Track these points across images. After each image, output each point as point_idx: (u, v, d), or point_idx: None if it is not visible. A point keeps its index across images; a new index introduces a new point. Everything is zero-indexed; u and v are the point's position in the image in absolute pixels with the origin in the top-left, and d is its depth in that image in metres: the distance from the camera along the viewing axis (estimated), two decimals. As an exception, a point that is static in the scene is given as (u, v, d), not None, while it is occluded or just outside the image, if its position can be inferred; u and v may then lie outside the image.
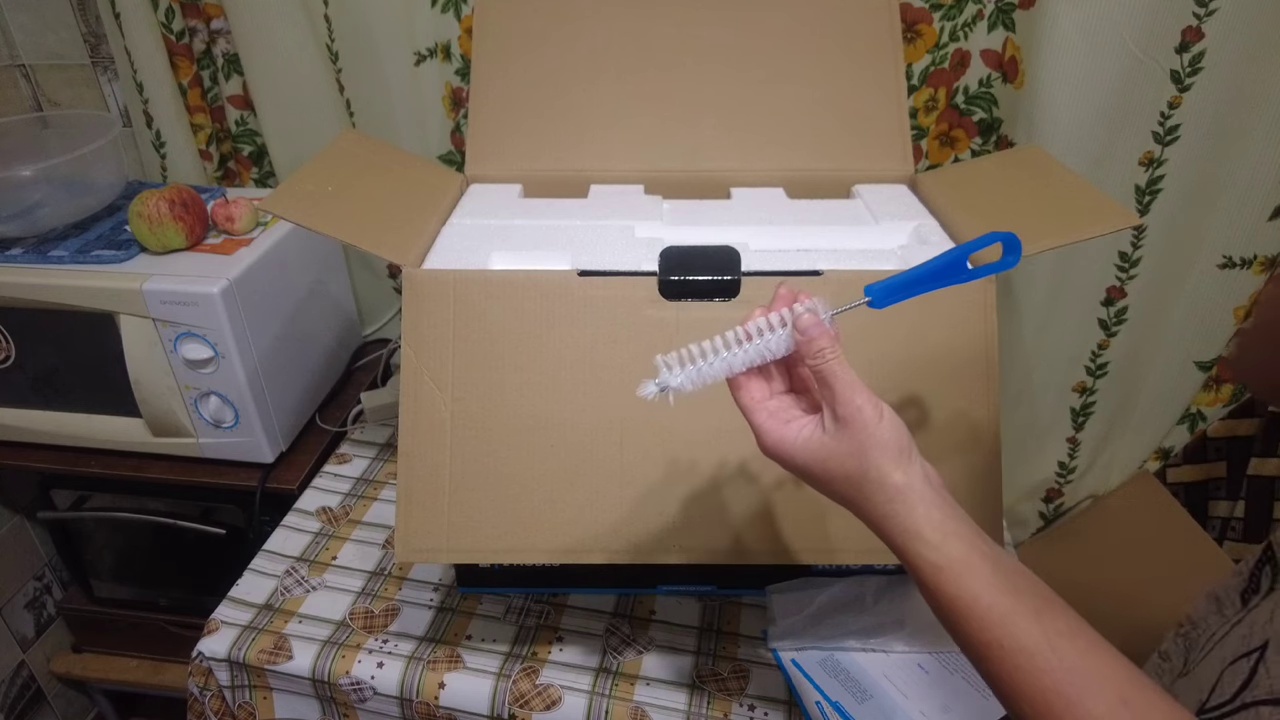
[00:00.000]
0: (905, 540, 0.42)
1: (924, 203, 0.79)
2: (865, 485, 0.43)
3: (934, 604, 0.42)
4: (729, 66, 0.85)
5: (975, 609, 0.40)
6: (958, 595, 0.40)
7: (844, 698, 0.72)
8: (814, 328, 0.45)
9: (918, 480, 0.43)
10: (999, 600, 0.40)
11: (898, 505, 0.42)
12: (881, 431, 0.43)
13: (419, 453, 0.66)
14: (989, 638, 0.39)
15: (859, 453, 0.43)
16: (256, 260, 0.94)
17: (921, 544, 0.42)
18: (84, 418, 1.00)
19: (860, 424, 0.43)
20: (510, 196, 0.82)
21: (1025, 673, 0.38)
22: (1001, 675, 0.39)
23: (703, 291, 0.67)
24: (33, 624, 1.29)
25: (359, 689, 0.75)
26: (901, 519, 0.42)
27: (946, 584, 0.41)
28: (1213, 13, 0.79)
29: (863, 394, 0.43)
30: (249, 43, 1.06)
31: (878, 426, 0.43)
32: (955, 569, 0.41)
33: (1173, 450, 1.05)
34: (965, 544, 0.41)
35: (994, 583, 0.40)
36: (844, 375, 0.44)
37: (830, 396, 0.44)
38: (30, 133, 1.09)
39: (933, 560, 0.41)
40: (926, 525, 0.42)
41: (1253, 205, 0.88)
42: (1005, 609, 0.39)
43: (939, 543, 0.41)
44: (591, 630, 0.80)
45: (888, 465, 0.43)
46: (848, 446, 0.43)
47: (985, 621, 0.40)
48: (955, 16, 0.92)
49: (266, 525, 0.95)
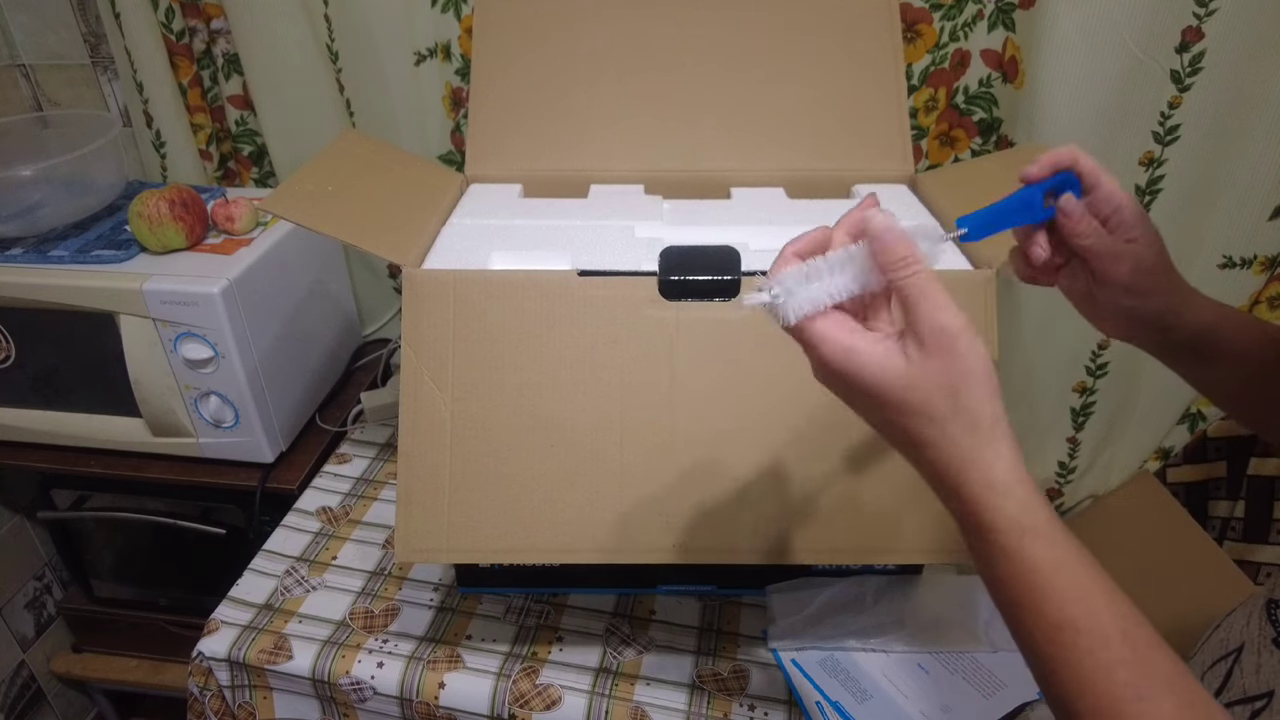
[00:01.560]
0: (986, 491, 0.36)
1: (924, 203, 0.79)
2: (952, 424, 0.36)
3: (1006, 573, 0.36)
4: (729, 66, 0.85)
5: (1056, 581, 0.35)
6: (1040, 563, 0.35)
7: (844, 698, 0.72)
8: (889, 233, 0.38)
9: (1006, 423, 0.37)
10: (1081, 575, 0.35)
11: (987, 450, 0.36)
12: (976, 361, 0.36)
13: (419, 453, 0.66)
14: (1064, 616, 0.34)
15: (950, 387, 0.36)
16: (256, 260, 0.94)
17: (1010, 499, 0.36)
18: (84, 418, 1.00)
19: (954, 352, 0.36)
20: (510, 196, 0.82)
21: (1097, 662, 0.33)
22: (1068, 662, 0.34)
23: (703, 291, 0.67)
24: (33, 624, 1.29)
25: (359, 689, 0.75)
26: (988, 467, 0.36)
27: (1032, 548, 0.35)
28: (1213, 13, 0.79)
29: (953, 315, 0.36)
30: (249, 43, 1.06)
31: (971, 355, 0.36)
32: (1042, 532, 0.35)
33: (1173, 450, 1.05)
34: (1047, 508, 0.36)
35: (1074, 554, 0.35)
36: (932, 294, 0.37)
37: (915, 318, 0.37)
38: (30, 133, 1.09)
39: (1019, 519, 0.35)
40: (1016, 479, 0.36)
41: (1253, 205, 0.88)
42: (1087, 585, 0.35)
43: (1027, 500, 0.36)
44: (591, 630, 0.80)
45: (981, 402, 0.36)
46: (938, 378, 0.36)
47: (1065, 596, 0.34)
48: (955, 16, 0.92)
49: (266, 525, 0.95)
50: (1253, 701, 0.43)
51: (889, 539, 0.67)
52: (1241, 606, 0.48)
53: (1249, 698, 0.43)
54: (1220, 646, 0.47)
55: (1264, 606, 0.45)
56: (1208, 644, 0.49)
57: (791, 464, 0.67)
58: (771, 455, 0.67)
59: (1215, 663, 0.47)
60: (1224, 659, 0.46)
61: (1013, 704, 0.71)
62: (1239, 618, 0.47)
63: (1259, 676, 0.43)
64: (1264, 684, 0.42)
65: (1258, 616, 0.45)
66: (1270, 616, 0.44)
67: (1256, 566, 0.95)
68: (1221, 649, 0.47)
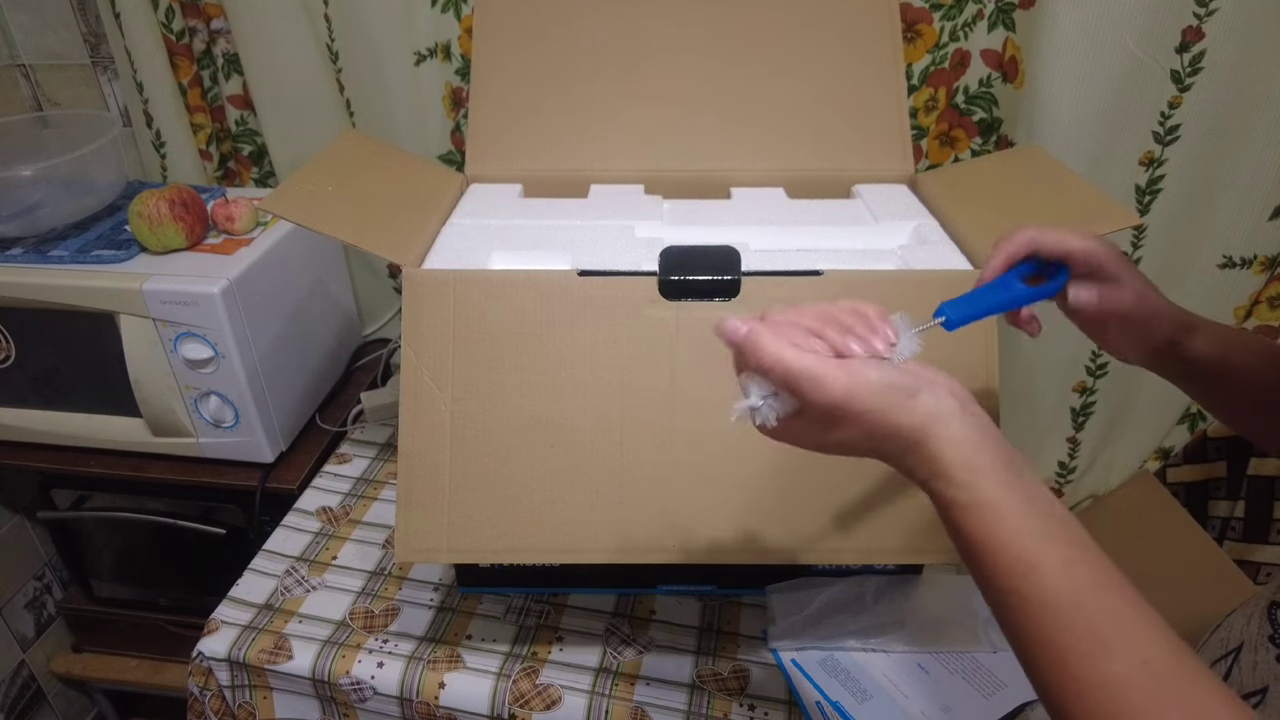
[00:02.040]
0: (929, 478, 0.40)
1: (924, 202, 0.79)
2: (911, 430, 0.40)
3: (957, 544, 0.40)
4: (729, 66, 0.85)
5: (1003, 554, 0.37)
6: (982, 537, 0.38)
7: (844, 698, 0.72)
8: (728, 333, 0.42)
9: (944, 412, 0.40)
10: (1029, 546, 0.37)
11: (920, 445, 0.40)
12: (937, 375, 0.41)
13: (419, 453, 0.66)
14: (1008, 584, 0.37)
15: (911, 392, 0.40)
16: (256, 260, 0.94)
17: (946, 481, 0.39)
18: (84, 417, 1.00)
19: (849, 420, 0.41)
20: (510, 196, 0.82)
21: (1043, 626, 0.36)
22: (1017, 624, 0.37)
23: (703, 291, 0.67)
24: (33, 624, 1.29)
25: (359, 689, 0.76)
26: (925, 452, 0.40)
27: (970, 524, 0.38)
28: (1213, 13, 0.79)
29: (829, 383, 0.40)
30: (249, 43, 1.06)
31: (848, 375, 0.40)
32: (981, 509, 0.38)
33: (1173, 450, 1.05)
34: (997, 483, 0.38)
35: (1023, 528, 0.37)
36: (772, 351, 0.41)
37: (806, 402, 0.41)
38: (30, 133, 1.09)
39: (959, 499, 0.39)
40: (955, 462, 0.39)
41: (1253, 205, 0.88)
42: (1032, 557, 0.37)
43: (966, 480, 0.39)
44: (591, 630, 0.80)
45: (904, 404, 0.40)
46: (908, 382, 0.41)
47: (1008, 568, 0.37)
48: (955, 16, 0.92)
49: (266, 525, 0.95)
50: (1249, 698, 0.43)
51: (889, 539, 0.67)
52: (1243, 607, 0.48)
53: (1245, 694, 0.43)
54: (1220, 646, 0.47)
55: (1266, 608, 0.45)
56: (1208, 644, 0.49)
57: (791, 464, 0.67)
58: (771, 455, 0.67)
59: (1215, 662, 0.47)
60: (1224, 658, 0.46)
61: (1013, 704, 0.71)
62: (1239, 618, 0.47)
63: (1255, 673, 0.43)
64: (1259, 680, 0.43)
65: (1258, 617, 0.45)
66: (1270, 617, 0.44)
67: (1256, 566, 0.95)
68: (1221, 648, 0.47)
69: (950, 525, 0.40)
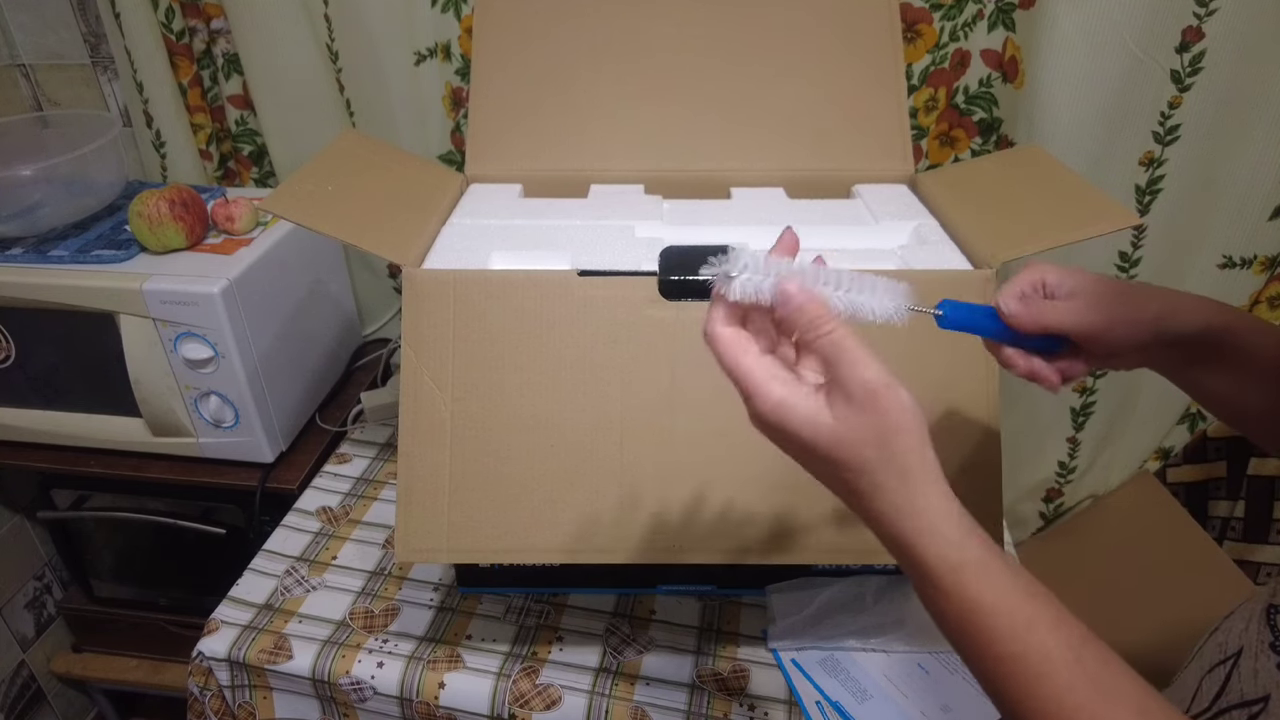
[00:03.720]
0: (919, 536, 0.37)
1: (924, 202, 0.79)
2: (883, 475, 0.38)
3: (946, 609, 0.37)
4: (729, 66, 0.85)
5: (996, 616, 0.36)
6: (978, 599, 0.36)
7: (844, 698, 0.72)
8: (800, 295, 0.39)
9: (935, 468, 0.38)
10: (1022, 606, 0.36)
11: (916, 497, 0.37)
12: (900, 413, 0.37)
13: (419, 453, 0.66)
14: (1008, 650, 0.35)
15: (879, 440, 0.37)
16: (256, 260, 0.94)
17: (941, 540, 0.37)
18: (84, 417, 1.00)
19: (878, 408, 0.37)
20: (510, 196, 0.82)
21: (1047, 687, 0.34)
22: (1019, 689, 0.35)
23: (703, 291, 0.66)
24: (33, 624, 1.29)
25: (359, 689, 0.76)
26: (919, 511, 0.37)
27: (967, 586, 0.36)
28: (1213, 13, 0.79)
29: (873, 369, 0.37)
30: (249, 42, 1.06)
31: (895, 408, 0.37)
32: (976, 570, 0.36)
33: (1173, 450, 1.05)
34: (983, 544, 0.37)
35: (1015, 587, 0.36)
36: (851, 350, 0.38)
37: (836, 376, 0.38)
38: (30, 133, 1.09)
39: (953, 559, 0.36)
40: (947, 520, 0.37)
41: (1253, 205, 0.88)
42: (1028, 617, 0.35)
43: (960, 540, 0.37)
44: (591, 630, 0.80)
45: (906, 451, 0.37)
46: (865, 433, 0.37)
47: (1006, 631, 0.35)
48: (955, 16, 0.93)
49: (266, 525, 0.95)
50: (1249, 706, 0.43)
51: (889, 539, 0.67)
52: (1240, 610, 0.48)
53: (1246, 702, 0.43)
54: (1219, 650, 0.47)
55: (1264, 611, 0.45)
56: (1206, 647, 0.49)
57: (791, 464, 0.66)
58: (771, 454, 0.66)
59: (1214, 667, 0.47)
60: (1223, 663, 0.46)
61: (1013, 704, 0.71)
62: (1238, 621, 0.47)
63: (1256, 681, 0.43)
64: (1261, 688, 0.42)
65: (1257, 621, 0.45)
66: (1270, 622, 0.44)
67: (1256, 566, 0.95)
68: (1220, 653, 0.47)
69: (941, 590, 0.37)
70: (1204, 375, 0.54)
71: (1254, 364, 0.51)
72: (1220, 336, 0.51)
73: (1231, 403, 0.55)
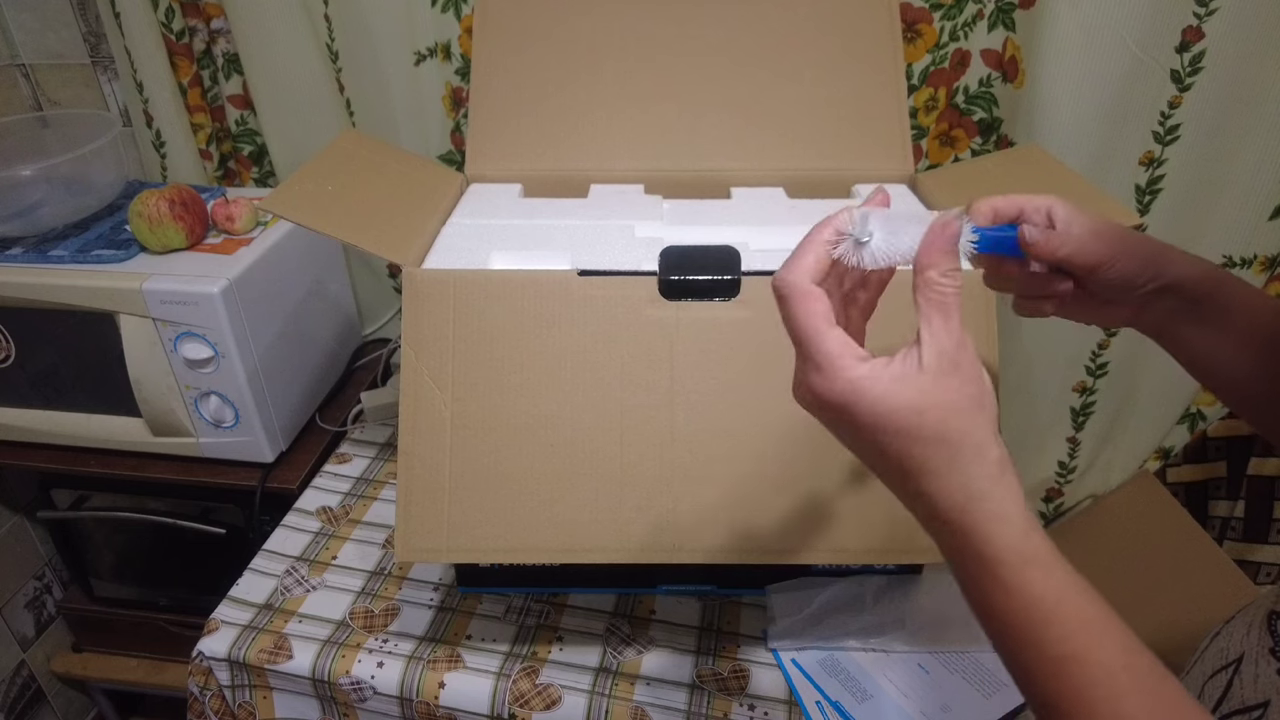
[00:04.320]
0: (989, 523, 0.34)
1: (924, 202, 0.79)
2: (963, 453, 0.34)
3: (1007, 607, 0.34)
4: (729, 66, 0.85)
5: (1058, 612, 0.33)
6: (1043, 595, 0.34)
7: (844, 698, 0.72)
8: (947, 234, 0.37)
9: (1008, 456, 0.35)
10: (1083, 606, 0.33)
11: (998, 483, 0.35)
12: (989, 395, 0.35)
13: (419, 453, 0.66)
14: (1067, 650, 0.33)
15: (965, 410, 0.34)
16: (256, 260, 0.94)
17: (1013, 531, 0.34)
18: (84, 417, 1.00)
19: (971, 375, 0.34)
20: (510, 196, 0.82)
21: (1102, 694, 0.32)
22: (1072, 696, 0.33)
23: (703, 291, 0.67)
24: (33, 624, 1.29)
25: (359, 688, 0.76)
26: (999, 500, 0.34)
27: (1033, 582, 0.34)
28: (1213, 13, 0.79)
29: (969, 337, 0.35)
30: (249, 42, 1.06)
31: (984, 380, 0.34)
32: (1044, 561, 0.34)
33: (1173, 450, 1.05)
34: (1045, 539, 0.35)
35: (1077, 584, 0.34)
36: (957, 311, 0.35)
37: (935, 333, 0.35)
38: (30, 132, 1.09)
39: (1022, 551, 0.34)
40: (1018, 510, 0.34)
41: (1253, 205, 0.88)
42: (1090, 616, 0.33)
43: (1028, 529, 0.34)
44: (591, 630, 0.80)
45: (991, 431, 0.35)
46: (954, 400, 0.34)
47: (1067, 629, 0.33)
48: (955, 16, 0.93)
49: (266, 525, 0.95)
50: (1250, 711, 0.43)
51: (889, 539, 0.67)
52: (1241, 614, 0.47)
53: (1247, 708, 0.43)
54: (1220, 656, 0.47)
55: (1265, 618, 0.45)
56: (1207, 652, 0.49)
57: (792, 463, 0.67)
58: (771, 455, 0.67)
59: (1215, 673, 0.46)
60: (1224, 669, 0.46)
61: (1013, 704, 0.71)
62: (1239, 626, 0.47)
63: (1256, 686, 0.43)
64: (1261, 694, 0.42)
65: (1258, 627, 0.45)
66: (1270, 628, 0.44)
67: (1256, 566, 0.95)
68: (1221, 659, 0.46)
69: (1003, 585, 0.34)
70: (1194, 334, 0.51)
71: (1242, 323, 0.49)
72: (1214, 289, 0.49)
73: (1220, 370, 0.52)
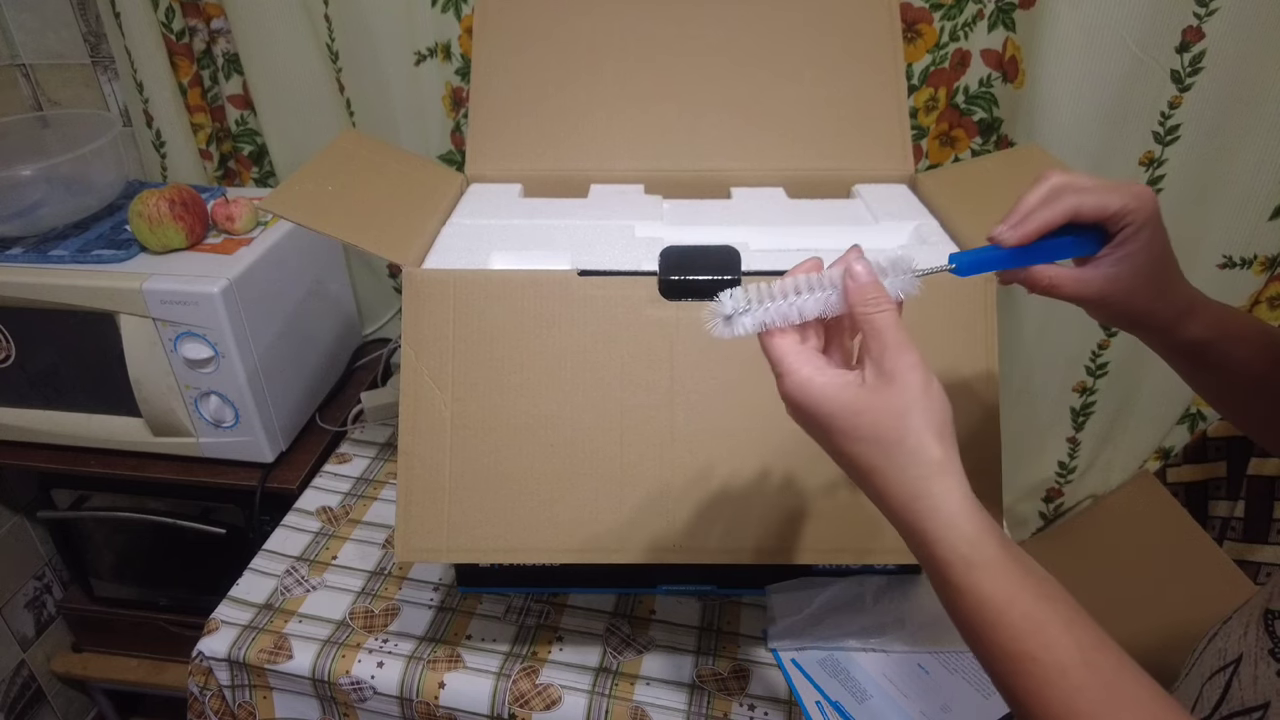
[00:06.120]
0: (935, 527, 0.37)
1: (924, 202, 0.79)
2: (899, 453, 0.37)
3: (959, 606, 0.37)
4: (729, 66, 0.85)
5: (1008, 615, 0.35)
6: (991, 597, 0.36)
7: (844, 698, 0.72)
8: (866, 274, 0.40)
9: (957, 461, 0.38)
10: (1035, 607, 0.35)
11: (934, 484, 0.37)
12: (929, 398, 0.38)
13: (419, 453, 0.66)
14: (1020, 649, 0.35)
15: (900, 414, 0.37)
16: (256, 260, 0.94)
17: (956, 534, 0.36)
18: (84, 417, 1.00)
19: (906, 384, 0.38)
20: (510, 196, 0.82)
21: (1057, 690, 0.34)
22: (1029, 691, 0.35)
23: (703, 291, 0.66)
24: (33, 624, 1.29)
25: (359, 688, 0.76)
26: (936, 500, 0.37)
27: (981, 583, 0.36)
28: (1213, 13, 0.79)
29: (913, 355, 0.38)
30: (249, 42, 1.06)
31: (925, 392, 0.38)
32: (991, 567, 0.36)
33: (1173, 450, 1.05)
34: (998, 541, 0.37)
35: (1027, 586, 0.36)
36: (895, 331, 0.39)
37: (878, 350, 0.39)
38: (30, 132, 1.09)
39: (967, 555, 0.36)
40: (963, 514, 0.37)
41: (1253, 205, 0.88)
42: (1041, 617, 0.35)
43: (975, 536, 0.36)
44: (591, 630, 0.80)
45: (929, 436, 0.37)
46: (888, 404, 0.38)
47: (1018, 630, 0.35)
48: (955, 16, 0.93)
49: (266, 525, 0.95)
50: (1250, 713, 0.42)
51: (890, 539, 0.66)
52: (1238, 614, 0.47)
53: (1247, 709, 0.43)
54: (1219, 657, 0.47)
55: (1261, 617, 0.45)
56: (1205, 653, 0.49)
57: (791, 463, 0.67)
58: (771, 455, 0.67)
59: (1214, 674, 0.46)
60: (1223, 670, 0.46)
61: (1013, 704, 0.71)
62: (1236, 626, 0.47)
63: (1256, 688, 0.43)
64: (1261, 695, 0.42)
65: (1255, 627, 0.45)
66: (1268, 628, 0.44)
67: (1256, 566, 0.95)
68: (1220, 659, 0.46)
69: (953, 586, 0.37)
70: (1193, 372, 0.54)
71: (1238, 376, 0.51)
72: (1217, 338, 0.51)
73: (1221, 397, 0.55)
